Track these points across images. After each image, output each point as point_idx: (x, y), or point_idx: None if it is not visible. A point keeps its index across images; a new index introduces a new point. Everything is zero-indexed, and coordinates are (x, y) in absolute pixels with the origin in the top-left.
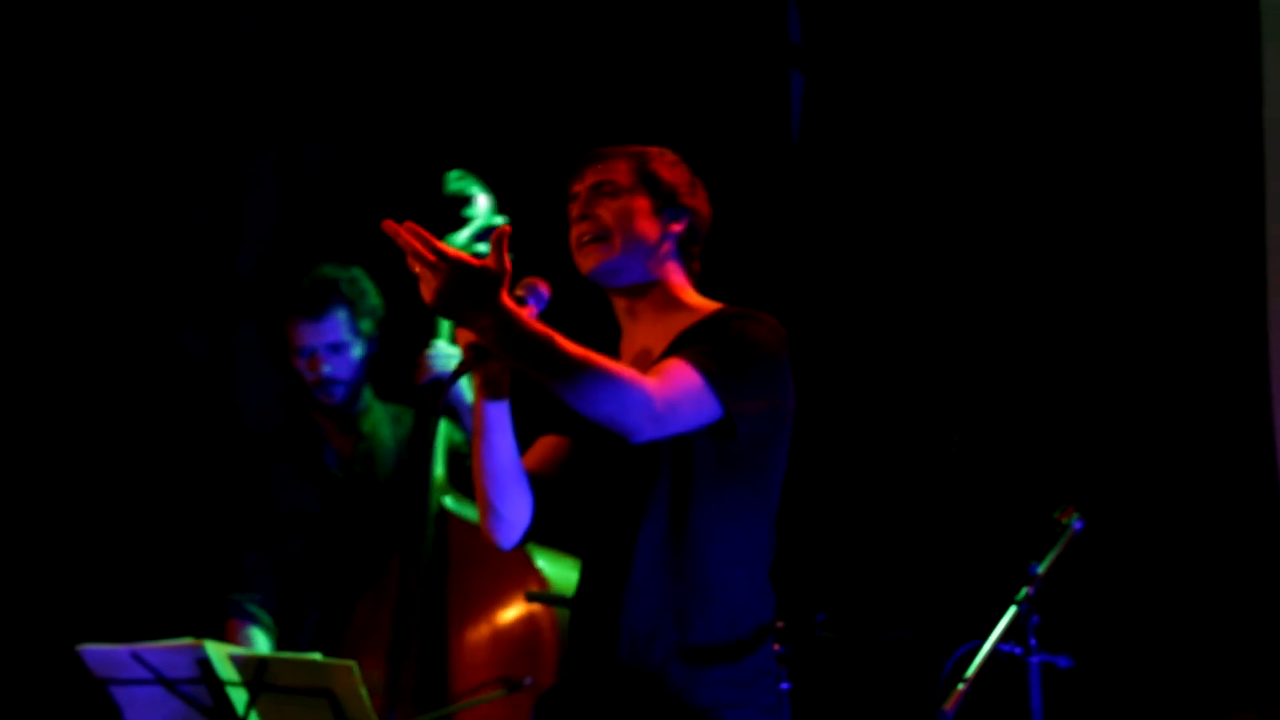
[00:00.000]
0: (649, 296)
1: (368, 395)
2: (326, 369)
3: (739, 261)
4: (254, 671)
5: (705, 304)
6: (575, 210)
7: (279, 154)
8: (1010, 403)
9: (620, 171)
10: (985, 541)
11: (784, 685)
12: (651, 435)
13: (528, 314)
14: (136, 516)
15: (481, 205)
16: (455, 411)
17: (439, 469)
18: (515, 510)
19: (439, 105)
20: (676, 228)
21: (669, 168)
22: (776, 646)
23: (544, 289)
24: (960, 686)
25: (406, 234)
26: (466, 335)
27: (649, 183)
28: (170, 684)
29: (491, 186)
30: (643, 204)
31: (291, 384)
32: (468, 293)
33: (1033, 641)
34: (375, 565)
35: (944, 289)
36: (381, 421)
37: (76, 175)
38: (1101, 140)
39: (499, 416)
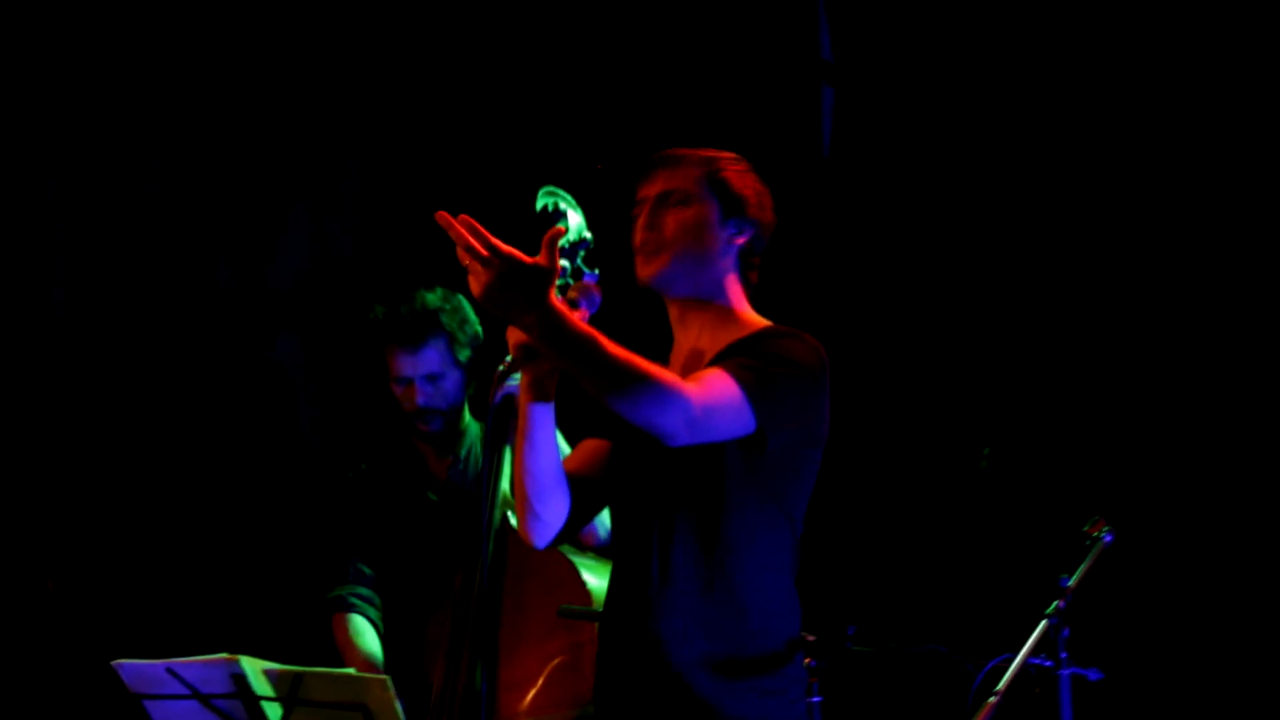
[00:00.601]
0: (702, 308)
1: (466, 416)
2: (422, 400)
3: (770, 277)
4: (289, 686)
5: (756, 320)
6: (641, 218)
7: (321, 169)
8: (1041, 416)
9: (689, 179)
10: (1016, 555)
11: (815, 699)
12: (686, 440)
13: (579, 317)
14: (208, 535)
15: (572, 222)
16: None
17: (505, 484)
18: (552, 511)
19: (478, 123)
20: (739, 240)
21: (739, 177)
22: (808, 660)
23: (596, 293)
24: (991, 699)
25: (460, 226)
26: (516, 335)
27: (717, 192)
28: (205, 699)
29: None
30: (707, 216)
31: (392, 409)
32: (517, 289)
33: (1063, 654)
34: (446, 580)
35: (974, 303)
36: (477, 442)
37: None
38: (1134, 155)
39: (543, 418)
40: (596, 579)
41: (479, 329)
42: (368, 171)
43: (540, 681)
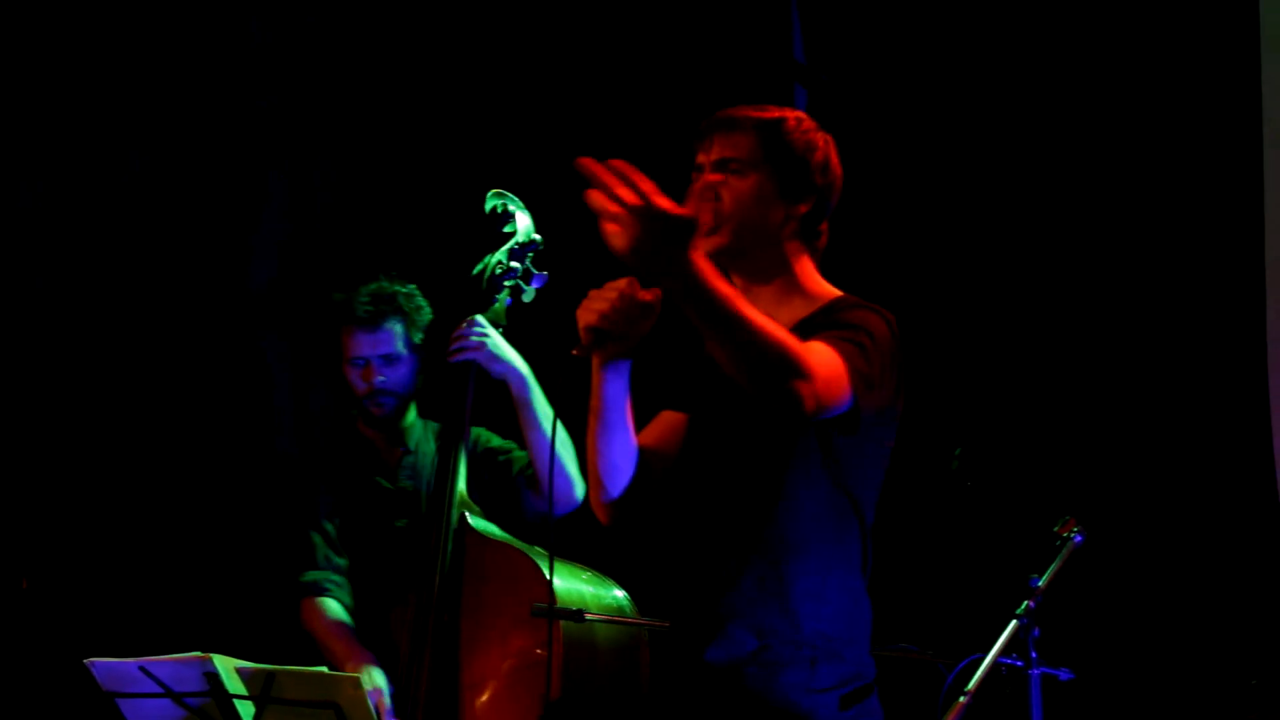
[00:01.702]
0: (767, 278)
1: (414, 411)
2: (380, 379)
3: None
4: (261, 685)
5: (825, 290)
6: (697, 185)
7: (293, 167)
8: (1012, 417)
9: (749, 146)
10: (986, 555)
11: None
12: (805, 418)
13: (656, 293)
14: (176, 529)
15: (520, 223)
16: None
17: (460, 484)
18: (623, 489)
19: (449, 120)
20: (802, 209)
21: (800, 139)
22: None
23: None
24: (962, 699)
25: (608, 173)
26: (586, 318)
27: (776, 160)
28: (178, 697)
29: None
30: (768, 185)
31: (340, 397)
32: (669, 241)
33: (1034, 654)
34: (405, 579)
35: (945, 303)
36: (426, 438)
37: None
38: (1102, 155)
39: (617, 400)
40: (560, 580)
41: (431, 315)
42: (339, 171)
43: (503, 681)
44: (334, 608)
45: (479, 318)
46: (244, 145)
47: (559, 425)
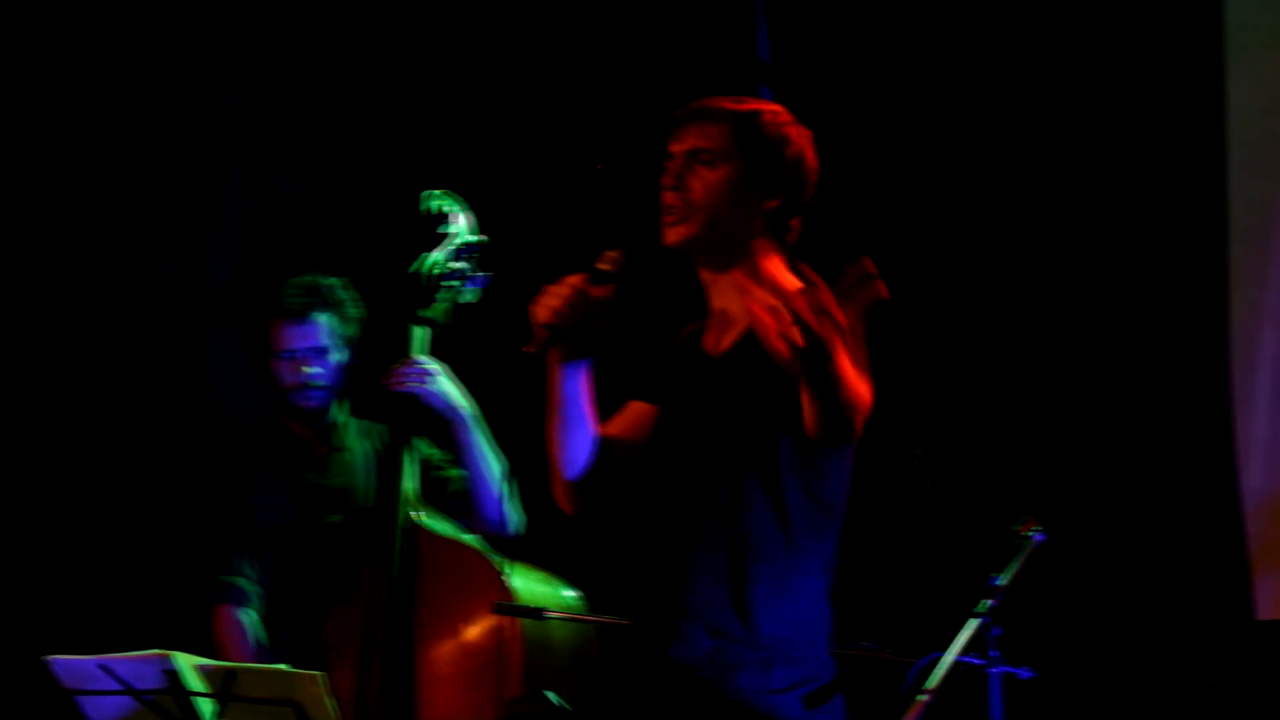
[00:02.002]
0: (731, 270)
1: (344, 407)
2: (308, 371)
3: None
4: (221, 682)
5: (788, 283)
6: (669, 177)
7: (252, 165)
8: (972, 416)
9: (721, 137)
10: (946, 553)
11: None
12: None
13: (608, 290)
14: (110, 523)
15: (460, 223)
16: (439, 424)
17: (409, 483)
18: (583, 480)
19: (411, 120)
20: (772, 203)
21: (774, 133)
22: None
23: (625, 265)
24: (922, 698)
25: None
26: (543, 314)
27: (748, 153)
28: (138, 694)
29: (465, 202)
30: (738, 177)
31: (267, 391)
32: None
33: (994, 653)
34: (349, 578)
35: (907, 304)
36: (355, 435)
37: (52, 179)
38: (1066, 157)
39: (575, 393)
40: (519, 576)
41: (359, 311)
42: (302, 166)
43: (460, 679)
44: (252, 622)
45: (418, 355)
46: (204, 143)
47: (497, 458)
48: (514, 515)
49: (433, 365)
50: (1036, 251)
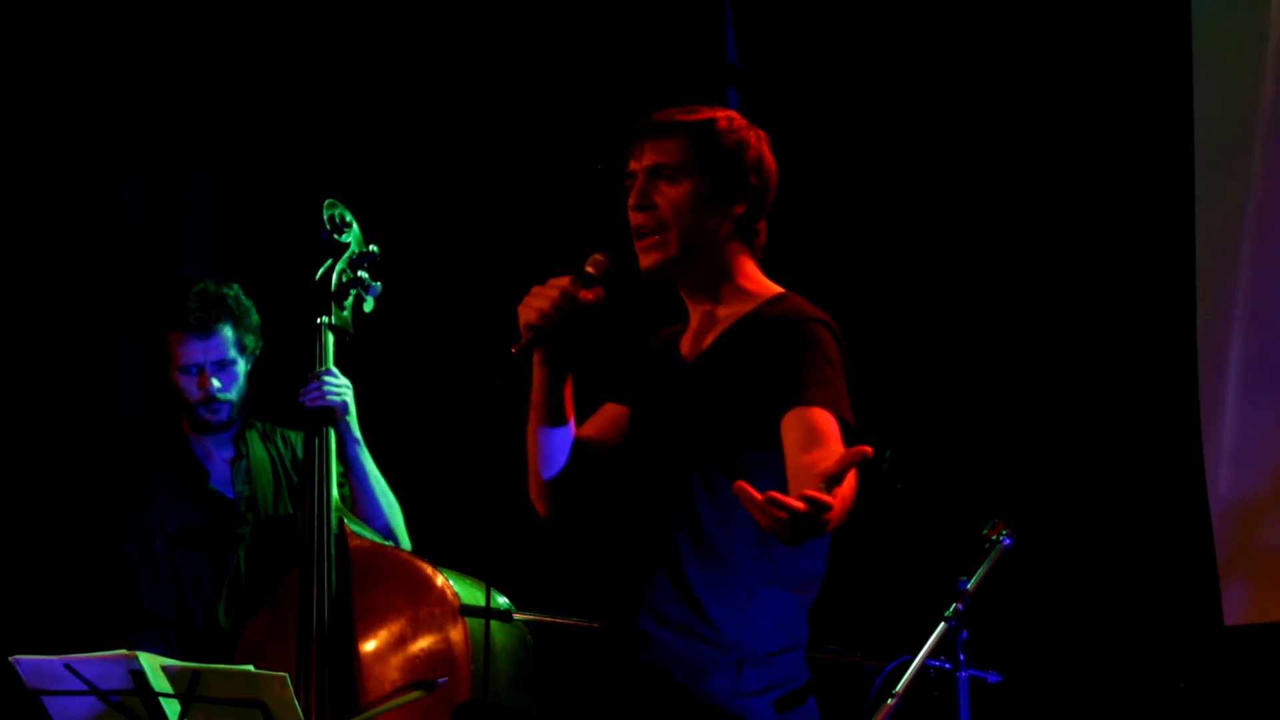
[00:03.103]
0: (708, 280)
1: (244, 413)
2: (215, 385)
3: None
4: (187, 683)
5: (764, 285)
6: (632, 196)
7: (217, 165)
8: (942, 420)
9: (679, 151)
10: (915, 557)
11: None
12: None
13: (597, 293)
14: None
15: (355, 234)
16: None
17: (333, 488)
18: (562, 483)
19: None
20: (738, 210)
21: (730, 139)
22: None
23: (613, 268)
24: (890, 701)
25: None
26: (527, 315)
27: (708, 163)
28: (103, 695)
29: (419, 213)
30: (703, 188)
31: (166, 399)
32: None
33: (962, 657)
34: (268, 581)
35: (876, 305)
36: (255, 439)
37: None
38: (1035, 160)
39: (556, 395)
40: (453, 579)
41: (258, 319)
42: (268, 174)
43: (403, 679)
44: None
45: (329, 367)
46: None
47: (375, 474)
48: (400, 530)
49: (343, 380)
50: (1005, 255)
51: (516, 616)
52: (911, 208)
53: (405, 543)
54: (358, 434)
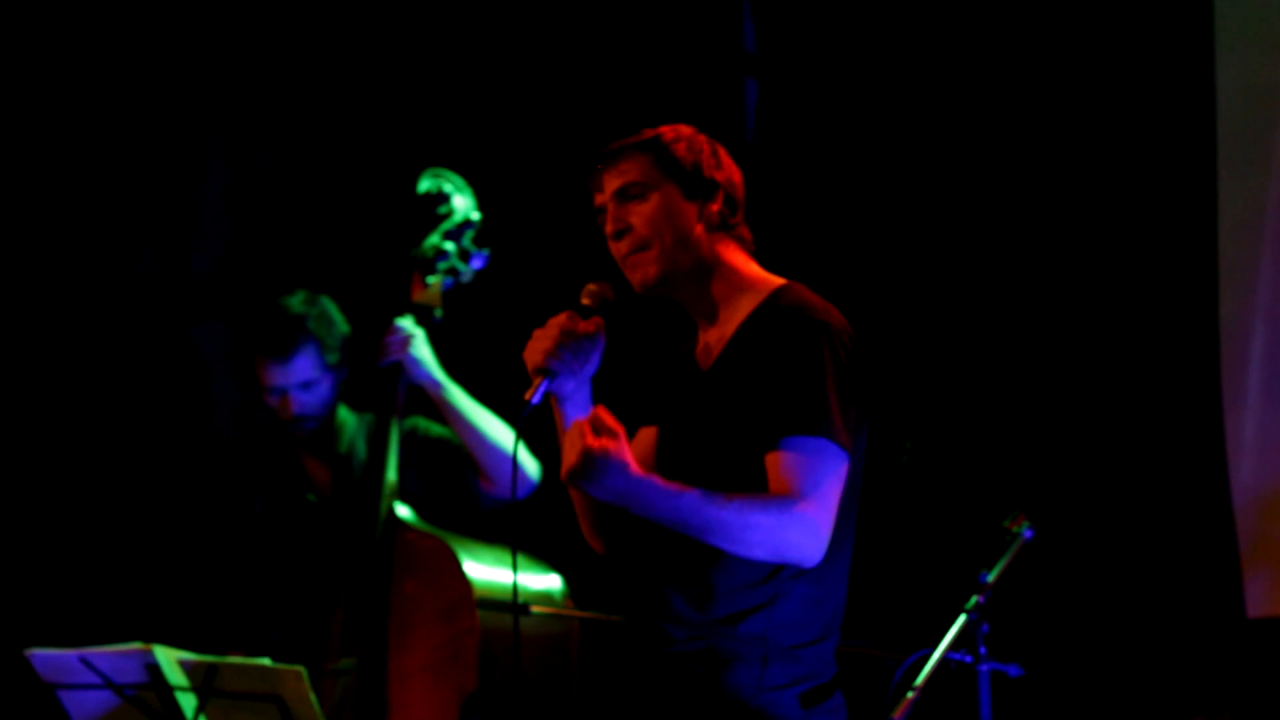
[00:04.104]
0: (707, 285)
1: (341, 412)
2: (296, 409)
3: None
4: (203, 677)
5: (764, 280)
6: (608, 226)
7: (235, 151)
8: (962, 412)
9: (639, 169)
10: (936, 549)
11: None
12: (820, 549)
13: (597, 323)
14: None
15: (457, 204)
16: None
17: (391, 474)
18: (601, 513)
19: (398, 104)
20: (713, 206)
21: (686, 146)
22: None
23: (609, 295)
24: (910, 695)
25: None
26: (533, 358)
27: (671, 170)
28: (119, 689)
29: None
30: (672, 195)
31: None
32: (596, 472)
33: (982, 650)
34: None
35: (896, 296)
36: (357, 436)
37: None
38: (1055, 150)
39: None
40: (483, 568)
41: (346, 328)
42: (285, 156)
43: (428, 673)
44: None
45: (401, 322)
46: (186, 125)
47: (490, 419)
48: (529, 466)
49: (413, 330)
50: (1026, 248)
51: (535, 610)
52: (932, 200)
53: (533, 475)
54: (440, 377)
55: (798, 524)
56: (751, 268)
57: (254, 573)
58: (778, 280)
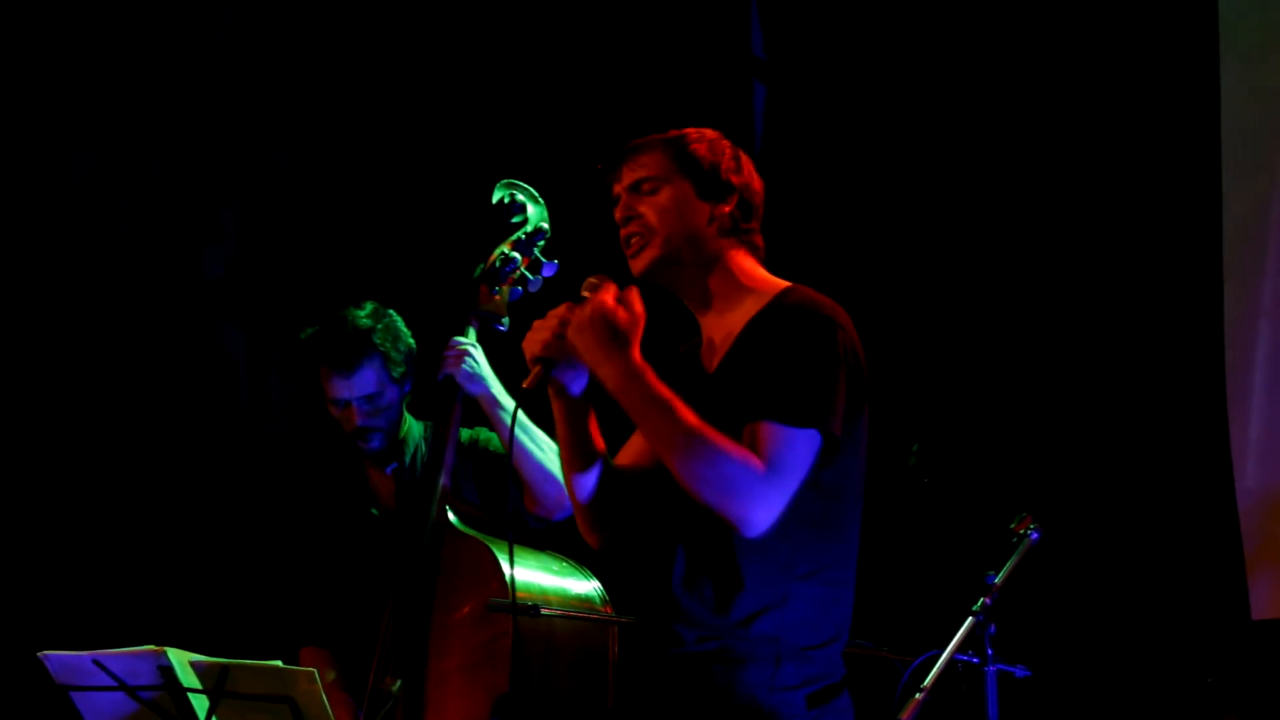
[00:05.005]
0: (711, 284)
1: (406, 421)
2: (361, 420)
3: None
4: (216, 679)
5: (770, 282)
6: (618, 214)
7: (258, 156)
8: (969, 415)
9: (656, 163)
10: (943, 552)
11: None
12: (764, 528)
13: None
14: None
15: (529, 214)
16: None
17: (442, 482)
18: (601, 512)
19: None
20: (725, 209)
21: (707, 147)
22: None
23: (602, 285)
24: (918, 696)
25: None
26: (531, 348)
27: (688, 168)
28: (132, 691)
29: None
30: (685, 192)
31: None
32: (602, 335)
33: (990, 651)
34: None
35: (903, 301)
36: (421, 442)
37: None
38: (1062, 154)
39: (578, 425)
40: (525, 571)
41: (412, 342)
42: (297, 162)
43: (462, 675)
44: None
45: (460, 336)
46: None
47: (540, 437)
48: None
49: (469, 345)
50: (1032, 250)
51: (545, 612)
52: (940, 204)
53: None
54: (495, 393)
55: (758, 488)
56: (758, 270)
57: (315, 587)
58: (783, 283)
